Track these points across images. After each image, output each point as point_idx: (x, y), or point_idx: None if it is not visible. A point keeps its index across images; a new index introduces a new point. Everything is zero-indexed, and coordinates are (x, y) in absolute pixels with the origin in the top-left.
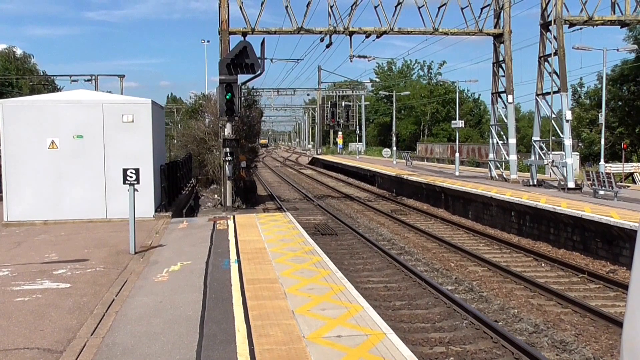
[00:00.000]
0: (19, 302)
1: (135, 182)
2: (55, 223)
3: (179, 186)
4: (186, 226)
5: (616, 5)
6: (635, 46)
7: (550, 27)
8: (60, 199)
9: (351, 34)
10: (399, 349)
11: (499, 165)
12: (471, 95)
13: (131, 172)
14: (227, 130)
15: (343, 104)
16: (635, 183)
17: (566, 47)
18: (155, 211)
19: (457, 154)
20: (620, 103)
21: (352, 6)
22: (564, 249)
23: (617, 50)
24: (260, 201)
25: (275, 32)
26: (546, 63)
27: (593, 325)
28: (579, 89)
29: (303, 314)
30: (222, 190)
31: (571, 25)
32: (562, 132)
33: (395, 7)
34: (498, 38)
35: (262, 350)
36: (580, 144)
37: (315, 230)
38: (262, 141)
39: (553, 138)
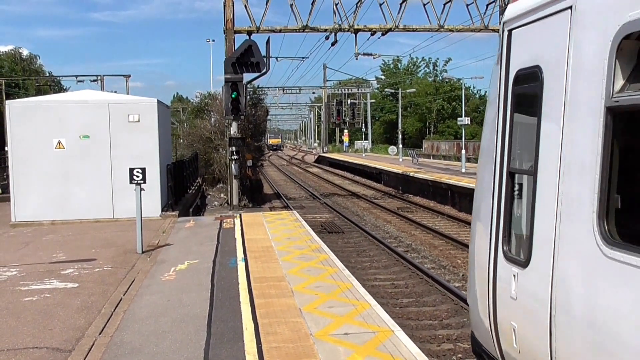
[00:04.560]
0: (27, 302)
1: (142, 182)
2: (63, 223)
3: (185, 185)
4: (193, 225)
5: None
6: None
7: None
8: (67, 199)
9: (356, 31)
10: (406, 346)
11: None
12: (477, 92)
13: (138, 172)
14: (233, 129)
15: (349, 102)
16: None
17: None
18: (162, 210)
19: (463, 151)
20: None
21: (357, 4)
22: None
23: None
24: (267, 200)
25: (280, 31)
26: None
27: None
28: None
29: (310, 311)
30: (229, 189)
31: None
32: None
33: (401, 4)
34: None
35: (270, 348)
36: None
37: (322, 228)
38: (272, 140)
39: None
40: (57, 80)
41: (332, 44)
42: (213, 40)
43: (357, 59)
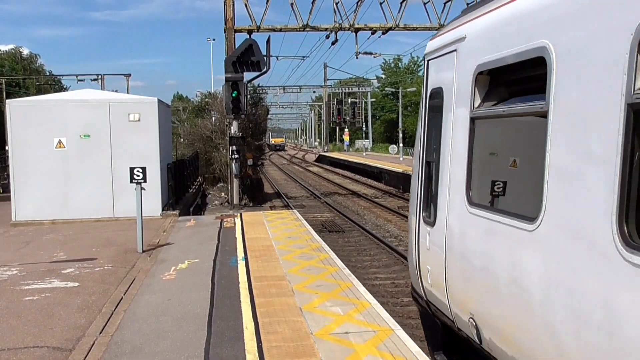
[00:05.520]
0: (28, 301)
1: (142, 181)
2: (63, 222)
3: (186, 184)
4: (193, 224)
5: None
6: None
7: None
8: (67, 199)
9: (357, 30)
10: (407, 345)
11: None
12: None
13: (138, 171)
14: (234, 128)
15: (349, 101)
16: None
17: None
18: (163, 210)
19: None
20: None
21: (357, 3)
22: None
23: None
24: (267, 199)
25: (280, 30)
26: None
27: None
28: None
29: (311, 310)
30: (229, 188)
31: None
32: None
33: (401, 3)
34: None
35: (270, 347)
36: None
37: (323, 227)
38: (275, 140)
39: None
40: (57, 80)
41: (333, 43)
42: (213, 39)
43: (357, 58)
